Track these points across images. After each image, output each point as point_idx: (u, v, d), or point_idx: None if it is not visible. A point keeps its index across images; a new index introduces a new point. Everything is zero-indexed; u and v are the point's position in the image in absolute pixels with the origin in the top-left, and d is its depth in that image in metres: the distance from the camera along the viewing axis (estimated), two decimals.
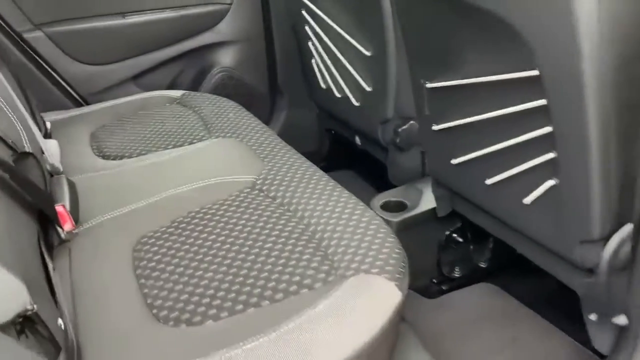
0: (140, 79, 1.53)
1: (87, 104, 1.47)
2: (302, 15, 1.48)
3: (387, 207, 1.27)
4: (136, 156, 1.13)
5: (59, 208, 0.78)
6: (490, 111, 0.85)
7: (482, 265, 1.29)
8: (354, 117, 1.47)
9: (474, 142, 0.93)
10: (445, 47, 0.93)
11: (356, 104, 1.40)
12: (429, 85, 1.00)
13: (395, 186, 1.38)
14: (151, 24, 1.49)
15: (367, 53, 1.29)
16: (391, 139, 1.33)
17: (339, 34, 1.36)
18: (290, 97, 1.73)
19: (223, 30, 1.58)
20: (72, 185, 0.88)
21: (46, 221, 0.79)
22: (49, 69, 1.41)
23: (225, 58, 1.62)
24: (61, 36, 1.40)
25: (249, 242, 0.81)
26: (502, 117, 0.83)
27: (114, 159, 1.13)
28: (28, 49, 1.38)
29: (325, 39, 1.43)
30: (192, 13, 1.53)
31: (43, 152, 0.90)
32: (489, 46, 0.81)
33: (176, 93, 1.41)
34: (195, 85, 1.59)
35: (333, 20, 1.38)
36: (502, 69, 0.80)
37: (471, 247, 1.28)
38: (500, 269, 1.28)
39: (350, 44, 1.33)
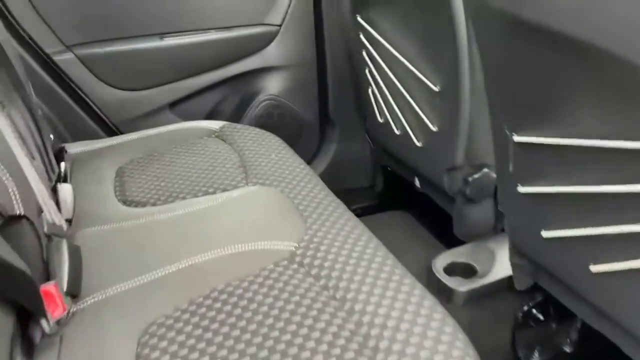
0: (177, 106, 1.40)
1: (120, 132, 1.35)
2: (360, 39, 1.31)
3: (452, 270, 1.07)
4: (161, 204, 0.97)
5: (48, 288, 0.63)
6: (610, 183, 0.64)
7: (567, 349, 1.07)
8: (414, 159, 1.27)
9: (579, 217, 0.72)
10: (544, 94, 0.72)
11: (418, 144, 1.21)
12: (516, 138, 0.80)
13: (460, 241, 1.18)
14: (191, 47, 1.34)
15: (435, 88, 1.09)
16: (459, 188, 1.13)
17: (402, 63, 1.17)
18: (342, 129, 1.55)
19: (270, 54, 1.43)
20: (74, 251, 0.73)
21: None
22: (80, 94, 1.29)
23: (272, 85, 1.46)
24: (93, 59, 1.28)
25: (284, 340, 0.63)
26: (628, 193, 0.62)
27: (136, 206, 0.98)
28: (57, 72, 1.26)
29: (385, 67, 1.24)
30: (237, 35, 1.38)
31: (42, 211, 0.75)
32: (614, 100, 0.61)
33: (215, 124, 1.26)
34: (237, 114, 1.44)
35: (395, 47, 1.19)
36: (632, 132, 0.60)
37: (554, 326, 1.06)
38: (589, 357, 1.05)
39: (415, 75, 1.14)
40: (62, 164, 1.02)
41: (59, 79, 1.26)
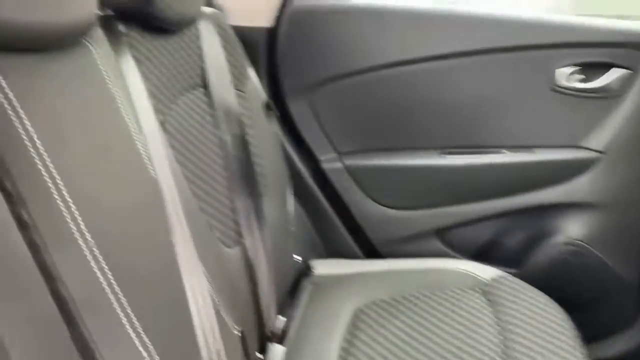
0: (445, 234, 1.15)
1: (375, 250, 1.17)
2: None
3: None
4: None
5: None
6: None
7: None
8: None
9: None
10: None
11: None
12: None
13: None
14: (476, 168, 1.09)
15: None
16: None
17: None
18: None
19: (582, 186, 1.07)
20: None
21: None
22: (341, 205, 1.16)
23: (577, 226, 1.09)
24: (361, 170, 1.13)
25: None
26: None
27: None
28: (323, 179, 1.16)
29: None
30: (539, 159, 1.07)
31: None
32: None
33: (484, 272, 0.97)
34: (518, 257, 1.11)
35: None
36: None
37: None
38: None
39: None
40: (282, 319, 0.89)
41: (322, 187, 1.16)
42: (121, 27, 0.68)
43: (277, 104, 1.12)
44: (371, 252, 1.18)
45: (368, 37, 1.07)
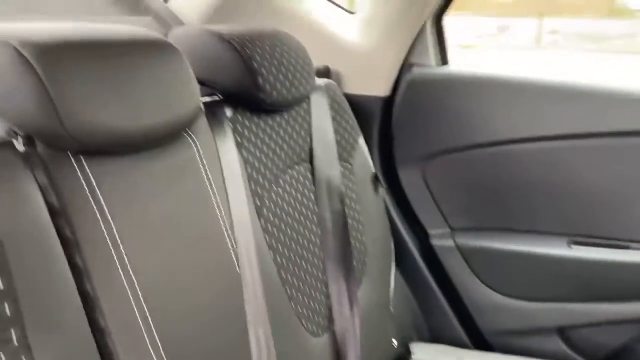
0: (571, 333, 1.00)
1: (483, 342, 1.06)
2: None
3: None
4: None
5: None
6: None
7: None
8: None
9: None
10: None
11: None
12: None
13: None
14: (609, 264, 0.94)
15: None
16: None
17: None
18: None
19: None
20: None
21: None
22: (449, 287, 1.07)
23: None
24: (474, 251, 1.03)
25: None
26: None
27: None
28: (432, 257, 1.08)
29: None
30: None
31: None
32: None
33: None
34: None
35: None
36: None
37: None
38: None
39: None
40: None
41: (430, 264, 1.08)
42: (228, 112, 0.68)
43: (388, 174, 1.07)
44: (480, 341, 1.06)
45: (492, 110, 0.99)
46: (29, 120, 0.43)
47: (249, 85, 0.68)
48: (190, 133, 0.57)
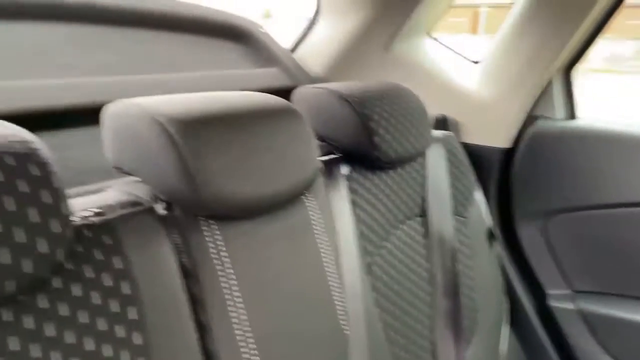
0: None
1: None
2: None
3: None
4: None
5: None
6: None
7: None
8: None
9: None
10: None
11: None
12: None
13: None
14: None
15: None
16: None
17: None
18: None
19: None
20: None
21: None
22: (570, 354, 1.00)
23: None
24: (598, 316, 0.96)
25: None
26: None
27: None
28: (548, 320, 1.01)
29: None
30: None
31: None
32: None
33: None
34: None
35: None
36: None
37: None
38: None
39: None
40: None
41: (547, 326, 1.01)
42: (344, 169, 0.70)
43: (506, 228, 1.03)
44: None
45: (622, 168, 0.92)
46: (169, 187, 0.48)
47: (365, 143, 0.70)
48: (307, 194, 0.60)
